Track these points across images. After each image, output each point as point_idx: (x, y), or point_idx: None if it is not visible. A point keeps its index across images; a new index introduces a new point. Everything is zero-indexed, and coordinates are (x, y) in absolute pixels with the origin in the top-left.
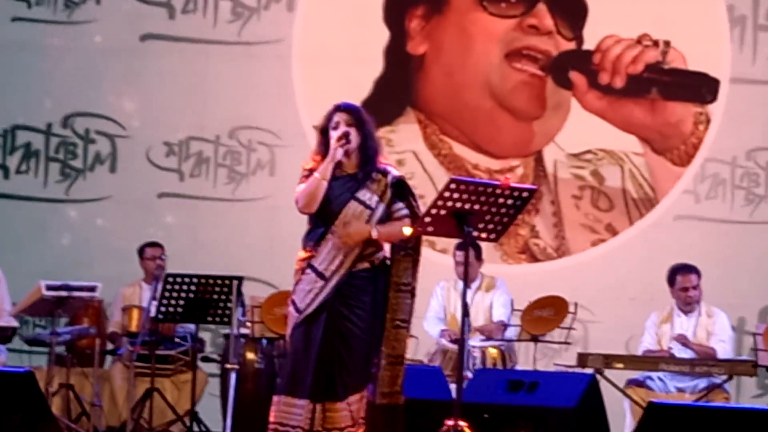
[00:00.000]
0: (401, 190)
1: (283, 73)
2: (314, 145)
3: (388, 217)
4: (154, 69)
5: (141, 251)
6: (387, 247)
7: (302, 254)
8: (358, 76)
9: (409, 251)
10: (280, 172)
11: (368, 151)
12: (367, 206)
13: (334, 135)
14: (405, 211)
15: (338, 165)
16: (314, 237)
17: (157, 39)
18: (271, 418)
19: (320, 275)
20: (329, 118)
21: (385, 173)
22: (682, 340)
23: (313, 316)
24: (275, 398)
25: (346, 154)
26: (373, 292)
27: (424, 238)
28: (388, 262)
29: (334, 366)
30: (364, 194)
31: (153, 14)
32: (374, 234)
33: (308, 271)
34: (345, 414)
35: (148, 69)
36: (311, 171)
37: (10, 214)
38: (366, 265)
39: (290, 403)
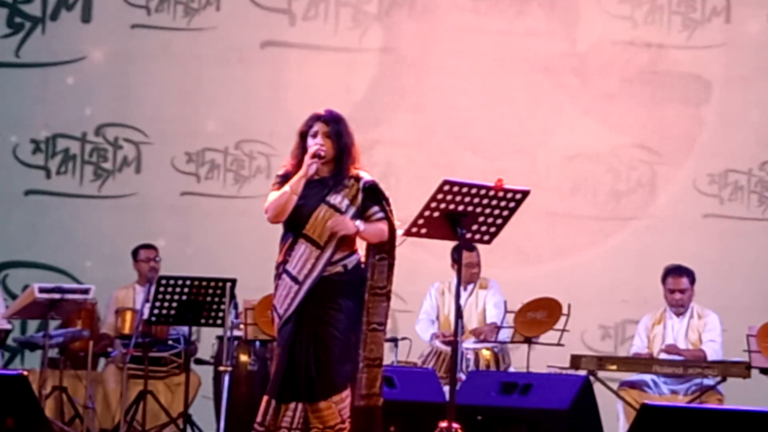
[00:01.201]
0: (374, 194)
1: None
2: (292, 148)
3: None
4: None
5: (135, 253)
6: (361, 251)
7: (278, 258)
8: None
9: (384, 255)
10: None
11: (342, 164)
12: (337, 209)
13: (310, 143)
14: (381, 214)
15: None
16: (287, 240)
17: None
18: (257, 418)
19: (294, 279)
20: (309, 125)
21: (357, 179)
22: (673, 351)
23: (289, 319)
24: (264, 398)
25: (320, 160)
26: (348, 294)
27: (418, 239)
28: (362, 266)
29: (312, 368)
30: (334, 198)
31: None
32: (361, 227)
33: (284, 276)
34: (332, 412)
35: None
36: (284, 177)
37: None
38: (339, 269)
39: (270, 405)
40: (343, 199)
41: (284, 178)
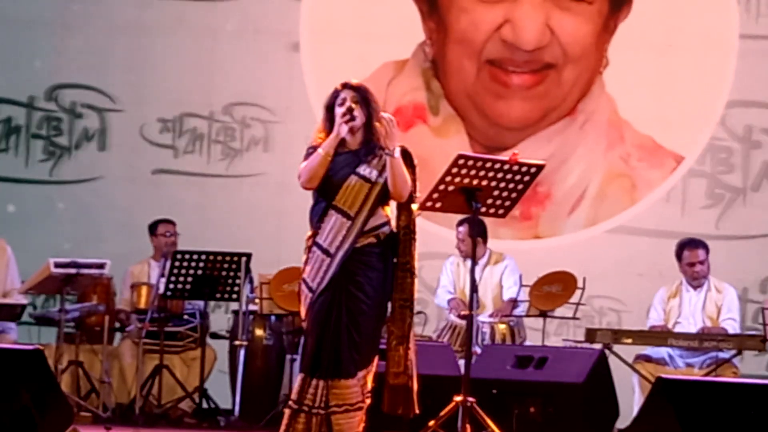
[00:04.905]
0: (403, 160)
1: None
2: (319, 123)
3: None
4: None
5: (153, 228)
6: (393, 223)
7: (309, 232)
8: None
9: (407, 230)
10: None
11: (373, 130)
12: (367, 180)
13: (339, 111)
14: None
15: (342, 142)
16: (317, 213)
17: None
18: (292, 395)
19: (325, 252)
20: (335, 95)
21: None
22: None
23: (323, 293)
24: (299, 376)
25: (351, 131)
26: (381, 268)
27: (433, 213)
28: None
29: (342, 344)
30: (364, 169)
31: None
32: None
33: (314, 249)
34: (356, 390)
35: None
36: (315, 148)
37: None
38: (371, 239)
39: (307, 383)
40: (372, 170)
41: (315, 150)
